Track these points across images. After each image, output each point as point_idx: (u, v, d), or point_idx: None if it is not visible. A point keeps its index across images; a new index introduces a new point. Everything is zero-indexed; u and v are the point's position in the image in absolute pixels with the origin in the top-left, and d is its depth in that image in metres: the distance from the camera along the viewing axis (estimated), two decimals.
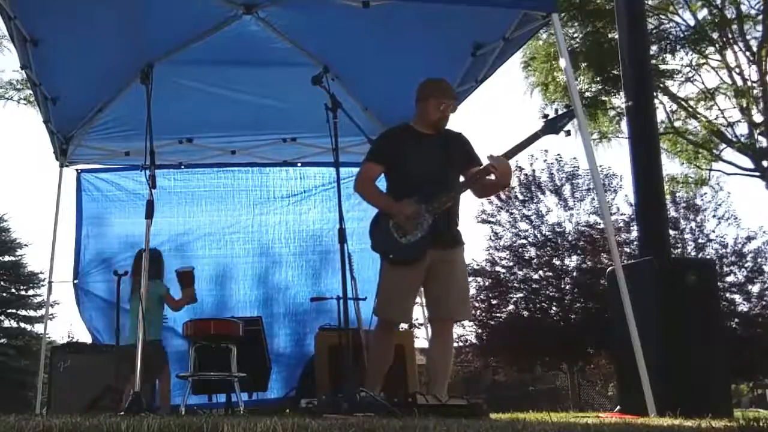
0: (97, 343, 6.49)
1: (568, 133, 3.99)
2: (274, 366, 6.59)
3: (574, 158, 18.24)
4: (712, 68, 15.44)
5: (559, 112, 4.02)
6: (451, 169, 4.04)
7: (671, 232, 16.45)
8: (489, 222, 18.87)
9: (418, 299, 4.36)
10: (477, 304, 18.54)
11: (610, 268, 4.91)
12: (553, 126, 3.98)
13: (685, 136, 15.56)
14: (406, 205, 3.86)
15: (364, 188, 4.08)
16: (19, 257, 24.43)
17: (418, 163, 3.94)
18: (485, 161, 3.95)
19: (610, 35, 14.18)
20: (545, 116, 4.01)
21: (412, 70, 5.75)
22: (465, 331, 18.97)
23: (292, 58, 5.84)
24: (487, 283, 18.65)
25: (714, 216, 18.30)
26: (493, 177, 3.89)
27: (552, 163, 18.43)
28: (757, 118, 14.67)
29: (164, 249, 6.50)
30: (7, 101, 15.55)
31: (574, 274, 17.95)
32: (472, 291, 18.69)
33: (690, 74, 15.49)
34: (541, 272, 18.35)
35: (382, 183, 4.18)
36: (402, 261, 3.89)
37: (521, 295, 18.48)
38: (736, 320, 17.45)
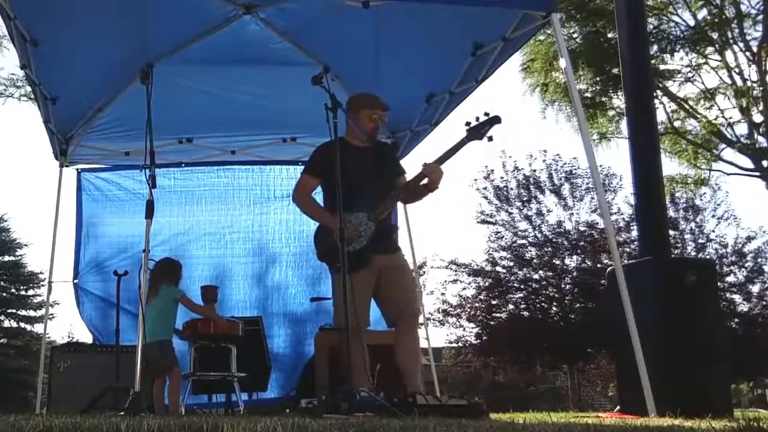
0: (98, 343, 6.49)
1: (491, 138, 4.11)
2: (274, 366, 6.59)
3: (575, 158, 18.25)
4: (712, 68, 15.42)
5: (480, 120, 4.10)
6: (384, 179, 4.20)
7: (671, 232, 16.44)
8: (489, 222, 18.87)
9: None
10: (477, 304, 18.54)
11: (610, 268, 4.91)
12: (476, 133, 4.10)
13: (685, 136, 15.55)
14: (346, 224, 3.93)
15: (301, 200, 4.29)
16: (19, 257, 24.52)
17: (353, 175, 4.04)
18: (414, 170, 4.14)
19: (610, 35, 14.17)
20: (467, 124, 4.12)
21: (412, 70, 5.78)
22: (465, 331, 18.98)
23: (292, 58, 5.85)
24: (487, 283, 18.64)
25: (714, 216, 18.31)
26: (426, 181, 4.08)
27: (551, 163, 18.44)
28: (757, 118, 14.66)
29: (164, 248, 6.51)
30: (7, 98, 15.53)
31: (574, 274, 17.95)
32: (472, 291, 18.73)
33: (690, 74, 15.48)
34: (541, 272, 18.35)
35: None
36: (350, 269, 3.93)
37: (521, 295, 18.47)
38: (736, 320, 17.45)
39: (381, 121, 4.28)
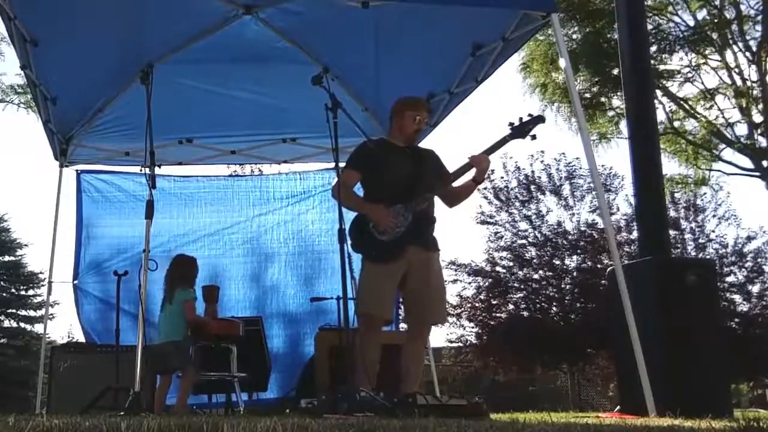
0: (95, 344, 6.48)
1: (534, 137, 4.19)
2: (274, 366, 6.59)
3: (577, 158, 18.21)
4: (712, 68, 15.43)
5: (524, 120, 4.16)
6: (426, 178, 4.21)
7: (671, 232, 16.43)
8: (488, 223, 18.86)
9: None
10: (477, 304, 18.53)
11: (610, 268, 4.91)
12: (520, 131, 4.16)
13: (684, 136, 15.55)
14: (385, 211, 4.01)
15: (342, 194, 4.20)
16: (19, 257, 24.44)
17: (394, 171, 4.11)
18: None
19: (609, 35, 14.18)
20: (510, 124, 4.18)
21: (412, 70, 5.79)
22: (465, 331, 18.97)
23: (292, 58, 5.85)
24: (487, 283, 18.62)
25: (714, 216, 18.29)
26: (473, 173, 4.13)
27: (551, 164, 18.43)
28: (757, 118, 14.67)
29: (163, 250, 6.51)
30: (7, 105, 15.60)
31: (574, 274, 17.94)
32: (472, 291, 18.71)
33: (689, 74, 15.49)
34: (541, 272, 18.33)
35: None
36: (383, 259, 4.00)
37: (521, 295, 18.46)
38: (736, 320, 17.44)
39: (424, 124, 4.33)
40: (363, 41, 5.62)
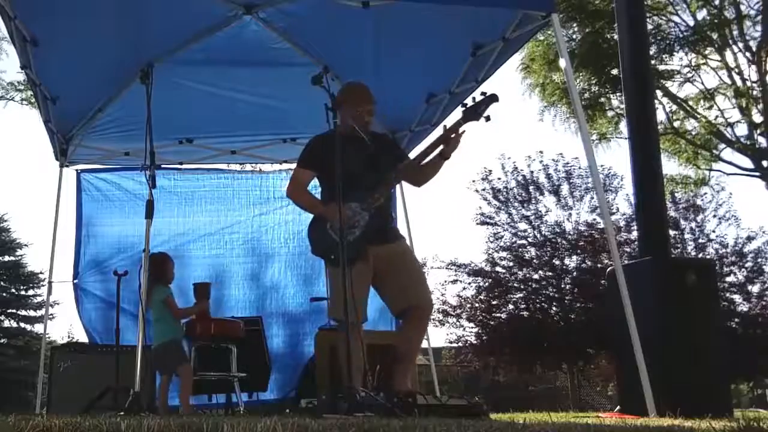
0: (96, 343, 6.48)
1: (488, 118, 3.94)
2: (274, 366, 6.59)
3: (576, 158, 18.22)
4: (712, 69, 15.45)
5: (477, 99, 3.95)
6: (381, 168, 4.08)
7: (671, 232, 16.42)
8: (488, 223, 18.86)
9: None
10: (477, 305, 18.53)
11: (610, 268, 4.91)
12: (473, 113, 3.95)
13: (684, 136, 15.56)
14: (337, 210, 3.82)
15: (294, 194, 4.19)
16: (19, 257, 24.49)
17: (347, 165, 3.86)
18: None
19: (609, 35, 14.19)
20: (464, 105, 3.98)
21: (413, 70, 5.79)
22: (465, 331, 18.98)
23: (292, 58, 5.85)
24: (487, 284, 18.63)
25: (714, 216, 18.29)
26: (442, 147, 3.95)
27: (550, 164, 18.44)
28: (757, 118, 14.69)
29: (164, 249, 6.49)
30: (8, 102, 15.64)
31: (574, 274, 17.93)
32: (472, 291, 18.70)
33: (689, 75, 15.50)
34: (541, 272, 18.33)
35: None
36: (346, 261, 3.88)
37: (521, 295, 18.45)
38: (736, 320, 17.44)
39: (368, 114, 4.13)
40: (363, 41, 5.62)
